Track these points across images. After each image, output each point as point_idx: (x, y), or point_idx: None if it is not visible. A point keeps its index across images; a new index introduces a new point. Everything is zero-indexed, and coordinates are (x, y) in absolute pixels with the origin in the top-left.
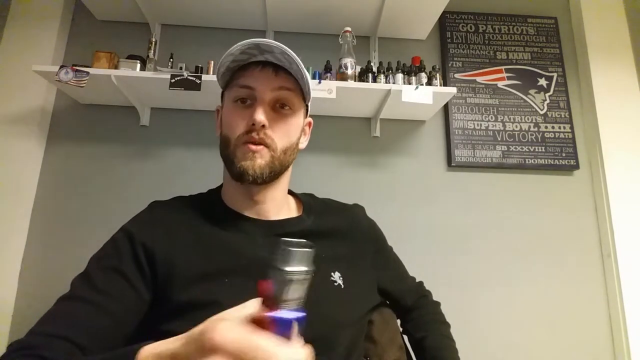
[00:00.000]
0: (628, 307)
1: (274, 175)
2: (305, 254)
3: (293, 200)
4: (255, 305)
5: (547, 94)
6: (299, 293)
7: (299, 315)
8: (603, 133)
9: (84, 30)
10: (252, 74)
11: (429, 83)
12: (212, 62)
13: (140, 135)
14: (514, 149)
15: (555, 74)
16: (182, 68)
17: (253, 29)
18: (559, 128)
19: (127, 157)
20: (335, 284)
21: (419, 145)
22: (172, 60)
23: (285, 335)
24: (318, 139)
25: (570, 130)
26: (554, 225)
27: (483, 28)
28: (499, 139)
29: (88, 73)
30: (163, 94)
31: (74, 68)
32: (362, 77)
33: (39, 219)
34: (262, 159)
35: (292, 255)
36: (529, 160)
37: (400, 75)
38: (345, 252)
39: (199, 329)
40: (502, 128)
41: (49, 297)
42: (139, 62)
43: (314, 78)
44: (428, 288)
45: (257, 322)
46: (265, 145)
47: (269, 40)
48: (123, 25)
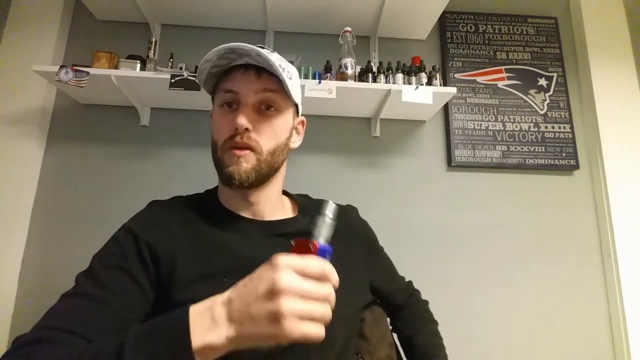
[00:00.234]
0: (628, 307)
1: (262, 178)
2: (334, 207)
3: (288, 201)
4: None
5: (547, 94)
6: (329, 233)
7: (330, 249)
8: (603, 133)
9: (84, 30)
10: (235, 78)
11: (429, 83)
12: None
13: (140, 135)
14: (514, 149)
15: (555, 74)
16: (182, 68)
17: (253, 29)
18: (559, 128)
19: (127, 157)
20: None
21: (419, 145)
22: (172, 60)
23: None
24: (318, 139)
25: (570, 130)
26: (554, 225)
27: (483, 28)
28: (499, 139)
29: (88, 73)
30: (163, 94)
31: (74, 68)
32: (362, 77)
33: (39, 219)
34: (247, 163)
35: (327, 206)
36: (529, 160)
37: (400, 75)
38: (340, 251)
39: (255, 276)
40: (502, 128)
41: (49, 296)
42: (139, 62)
43: (314, 78)
44: (428, 288)
45: (301, 249)
46: (251, 149)
47: (244, 44)
48: (123, 25)
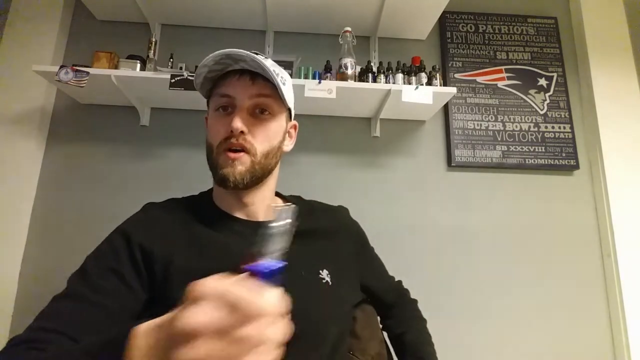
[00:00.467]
0: (628, 307)
1: (256, 180)
2: (286, 209)
3: (281, 202)
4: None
5: (547, 94)
6: (278, 245)
7: (278, 266)
8: (603, 133)
9: (84, 30)
10: (230, 83)
11: (429, 83)
12: None
13: (140, 135)
14: (514, 149)
15: (555, 74)
16: (182, 68)
17: (253, 29)
18: (559, 128)
19: (127, 157)
20: (324, 281)
21: (419, 145)
22: (172, 60)
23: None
24: (318, 139)
25: (570, 130)
26: (554, 225)
27: (483, 28)
28: (499, 139)
29: (88, 73)
30: (163, 94)
31: (74, 68)
32: (362, 77)
33: (39, 219)
34: (242, 166)
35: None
36: (529, 160)
37: (400, 75)
38: (332, 251)
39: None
40: (502, 128)
41: (49, 296)
42: (139, 62)
43: (314, 78)
44: (428, 287)
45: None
46: (245, 151)
47: (239, 50)
48: (123, 25)
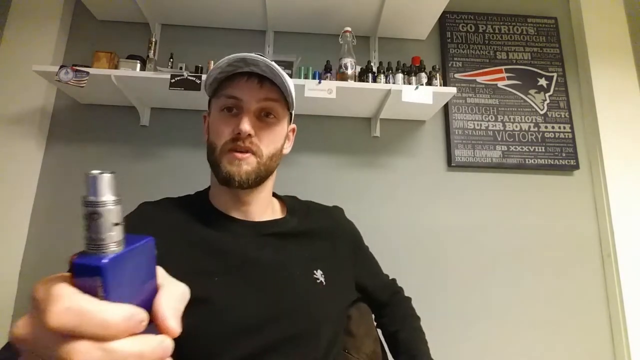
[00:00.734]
0: (628, 307)
1: (260, 180)
2: (104, 179)
3: (277, 202)
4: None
5: (547, 94)
6: (102, 232)
7: (103, 261)
8: (603, 133)
9: (84, 30)
10: (238, 85)
11: (429, 83)
12: (212, 62)
13: (140, 135)
14: (514, 149)
15: (555, 74)
16: (182, 68)
17: (253, 29)
18: (559, 128)
19: (127, 157)
20: (318, 282)
21: (419, 145)
22: (172, 60)
23: (91, 286)
24: (318, 139)
25: (570, 130)
26: (554, 225)
27: (483, 28)
28: (499, 139)
29: (88, 73)
30: (163, 94)
31: (74, 68)
32: (362, 77)
33: (39, 219)
34: (248, 166)
35: (92, 183)
36: (529, 160)
37: (400, 75)
38: (327, 251)
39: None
40: (502, 128)
41: None
42: (139, 62)
43: (314, 78)
44: (427, 287)
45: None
46: (252, 153)
47: (255, 55)
48: (123, 25)
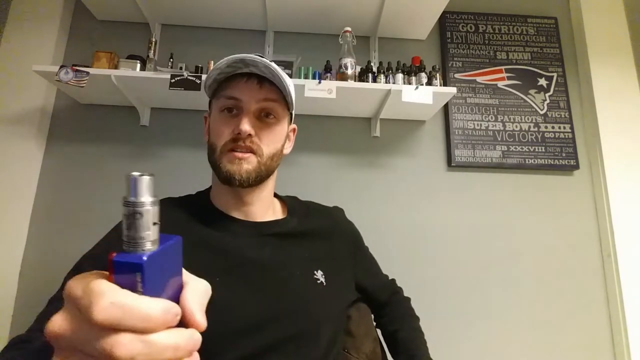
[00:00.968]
0: (628, 307)
1: (260, 179)
2: (144, 181)
3: (278, 203)
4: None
5: (547, 94)
6: (142, 230)
7: (143, 258)
8: (603, 133)
9: (84, 30)
10: (237, 86)
11: (429, 83)
12: (212, 62)
13: (140, 135)
14: (514, 149)
15: (555, 74)
16: (182, 68)
17: (253, 29)
18: (559, 128)
19: (127, 157)
20: (318, 282)
21: (419, 145)
22: (172, 60)
23: (131, 282)
24: (318, 139)
25: (570, 130)
26: (554, 225)
27: (483, 28)
28: (499, 139)
29: (88, 73)
30: (163, 94)
31: (74, 68)
32: (362, 77)
33: (39, 219)
34: (249, 165)
35: (132, 184)
36: (529, 160)
37: (400, 75)
38: (327, 251)
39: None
40: (502, 128)
41: (49, 297)
42: (139, 62)
43: (314, 78)
44: (427, 287)
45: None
46: (253, 152)
47: (254, 56)
48: (123, 25)
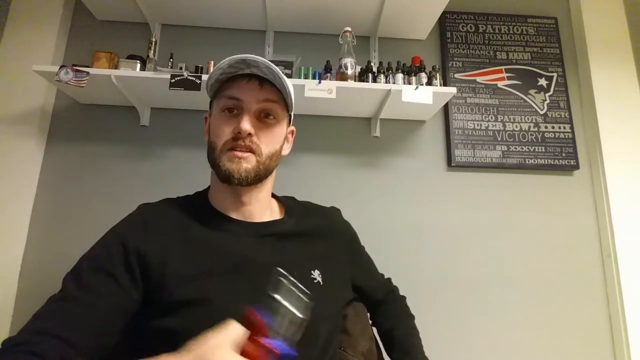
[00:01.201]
0: (628, 307)
1: (259, 179)
2: (303, 301)
3: (275, 203)
4: (239, 330)
5: (547, 94)
6: (292, 332)
7: (291, 352)
8: (603, 133)
9: (84, 30)
10: (238, 86)
11: (429, 83)
12: (212, 62)
13: (140, 135)
14: (514, 149)
15: (555, 74)
16: (182, 68)
17: (253, 29)
18: (559, 128)
19: (127, 157)
20: (315, 281)
21: (419, 145)
22: (172, 60)
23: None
24: (318, 139)
25: (570, 130)
26: (554, 225)
27: (483, 28)
28: (499, 139)
29: (88, 73)
30: (163, 94)
31: (74, 68)
32: (362, 77)
33: (39, 219)
34: (248, 164)
35: (284, 289)
36: (529, 160)
37: (400, 75)
38: (324, 251)
39: (196, 353)
40: (502, 128)
41: (49, 296)
42: (139, 62)
43: (314, 78)
44: (427, 287)
45: (248, 346)
46: (252, 152)
47: (255, 56)
48: (123, 25)
